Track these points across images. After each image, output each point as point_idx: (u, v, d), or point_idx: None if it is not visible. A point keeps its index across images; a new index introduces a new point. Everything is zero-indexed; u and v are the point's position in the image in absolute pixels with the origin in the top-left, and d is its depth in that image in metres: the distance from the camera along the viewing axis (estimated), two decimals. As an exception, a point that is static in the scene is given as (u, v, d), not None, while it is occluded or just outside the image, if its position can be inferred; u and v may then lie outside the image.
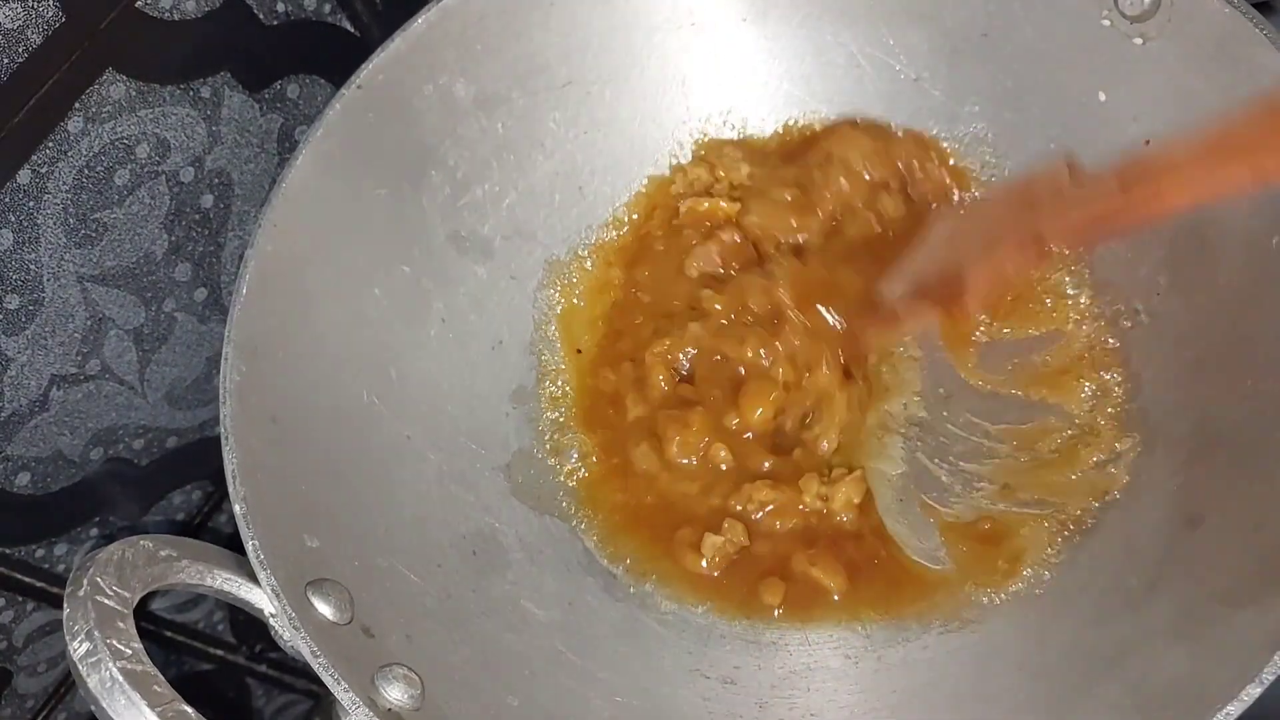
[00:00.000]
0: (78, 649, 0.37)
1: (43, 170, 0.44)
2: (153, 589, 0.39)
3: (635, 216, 0.55)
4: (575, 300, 0.54)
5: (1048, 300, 0.50)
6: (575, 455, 0.52)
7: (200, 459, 0.57)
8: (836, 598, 0.47)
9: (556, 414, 0.53)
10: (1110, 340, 0.48)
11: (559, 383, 0.53)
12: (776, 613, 0.47)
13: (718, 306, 0.52)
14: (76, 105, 0.44)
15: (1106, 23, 0.47)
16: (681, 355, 0.52)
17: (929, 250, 0.48)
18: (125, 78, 0.46)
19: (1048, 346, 0.50)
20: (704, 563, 0.48)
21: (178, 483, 0.58)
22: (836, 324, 0.50)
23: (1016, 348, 0.50)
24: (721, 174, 0.54)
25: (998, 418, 0.49)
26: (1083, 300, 0.49)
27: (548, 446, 0.52)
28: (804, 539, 0.48)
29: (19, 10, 0.41)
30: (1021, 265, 0.44)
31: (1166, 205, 0.39)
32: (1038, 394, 0.49)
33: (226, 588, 0.41)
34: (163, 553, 0.40)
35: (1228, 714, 0.35)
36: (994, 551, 0.47)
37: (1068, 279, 0.50)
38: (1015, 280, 0.47)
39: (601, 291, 0.55)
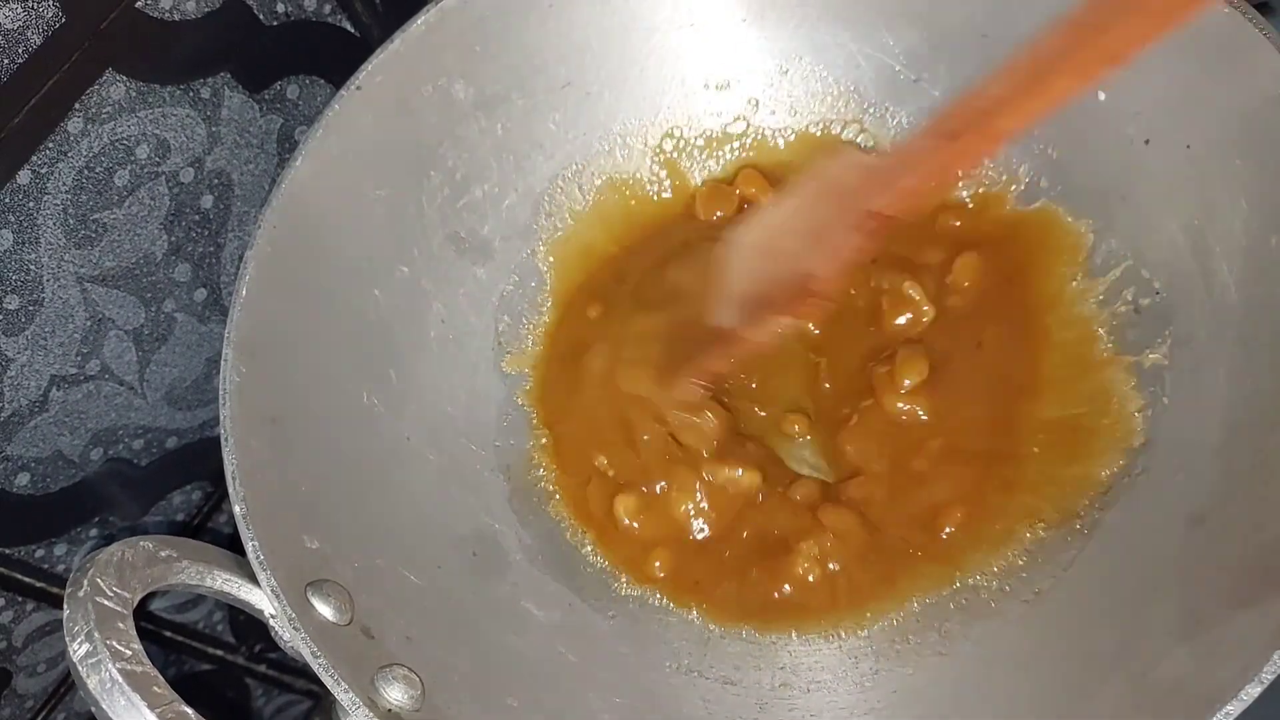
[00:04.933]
0: (77, 650, 0.36)
1: (43, 171, 0.44)
2: (153, 590, 0.39)
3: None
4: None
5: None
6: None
7: (200, 459, 0.57)
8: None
9: (556, 414, 0.53)
10: (1109, 341, 0.48)
11: (559, 383, 0.53)
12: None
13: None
14: (76, 106, 0.44)
15: (1106, 23, 0.47)
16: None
17: (746, 267, 0.46)
18: (125, 78, 0.46)
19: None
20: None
21: (178, 483, 0.58)
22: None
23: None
24: None
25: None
26: (1081, 301, 0.49)
27: (547, 448, 0.52)
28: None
29: (19, 10, 0.41)
30: (862, 243, 0.43)
31: (1000, 137, 0.39)
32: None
33: (226, 588, 0.41)
34: (163, 553, 0.40)
35: (1228, 714, 0.35)
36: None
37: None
38: (858, 258, 0.45)
39: None
